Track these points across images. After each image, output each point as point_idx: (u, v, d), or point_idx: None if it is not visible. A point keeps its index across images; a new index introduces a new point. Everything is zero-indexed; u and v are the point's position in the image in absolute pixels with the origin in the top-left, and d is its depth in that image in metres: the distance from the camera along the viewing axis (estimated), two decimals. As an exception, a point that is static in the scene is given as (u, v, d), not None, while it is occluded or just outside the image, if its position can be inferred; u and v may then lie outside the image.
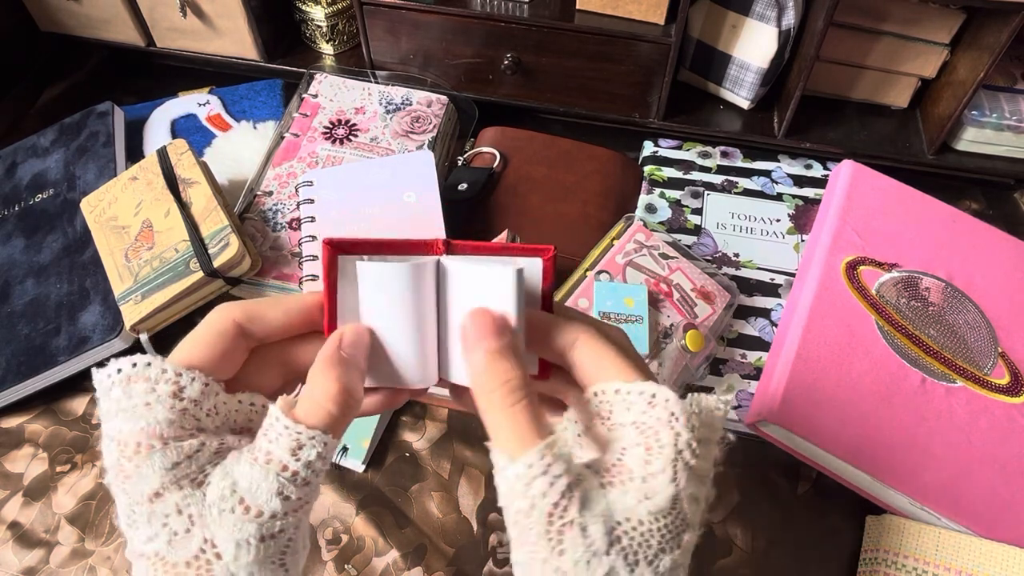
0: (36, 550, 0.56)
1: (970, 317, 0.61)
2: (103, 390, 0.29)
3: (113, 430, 0.28)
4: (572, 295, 0.61)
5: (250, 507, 0.28)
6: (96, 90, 0.87)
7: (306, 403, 0.29)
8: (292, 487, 0.28)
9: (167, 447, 0.28)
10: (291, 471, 0.28)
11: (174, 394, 0.29)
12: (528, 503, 0.28)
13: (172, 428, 0.28)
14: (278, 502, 0.28)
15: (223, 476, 0.28)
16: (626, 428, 0.30)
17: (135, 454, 0.28)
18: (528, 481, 0.28)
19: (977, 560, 0.51)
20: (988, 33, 0.66)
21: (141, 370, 0.29)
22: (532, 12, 0.73)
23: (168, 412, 0.28)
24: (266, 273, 0.65)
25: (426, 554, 0.55)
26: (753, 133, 0.78)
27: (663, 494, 0.28)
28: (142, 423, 0.28)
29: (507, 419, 0.29)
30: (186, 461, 0.28)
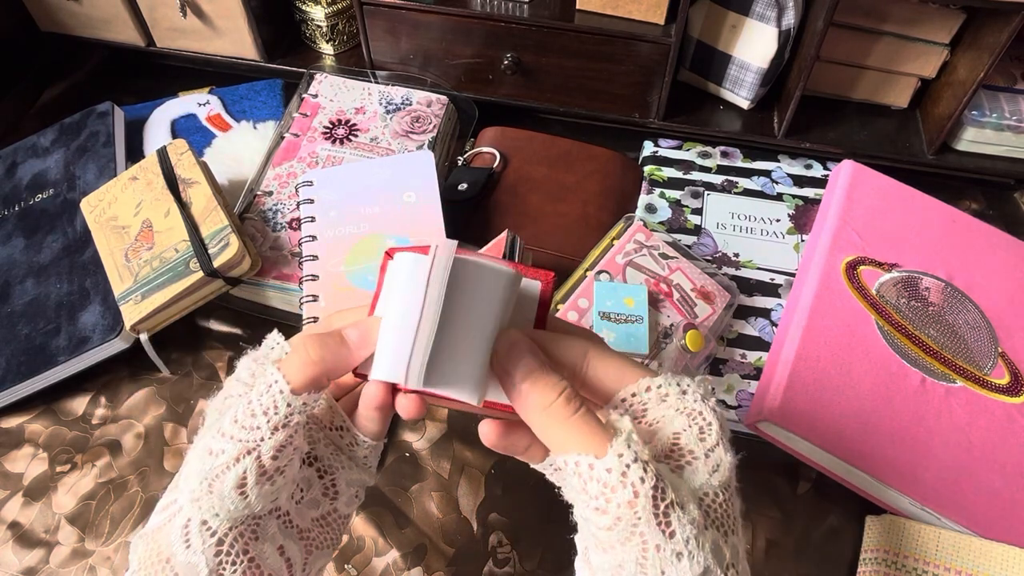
0: (36, 550, 0.56)
1: (970, 317, 0.61)
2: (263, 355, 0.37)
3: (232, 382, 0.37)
4: (572, 295, 0.61)
5: (221, 429, 0.33)
6: (96, 90, 0.87)
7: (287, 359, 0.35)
8: (242, 414, 0.33)
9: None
10: (247, 400, 0.33)
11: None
12: (631, 492, 0.29)
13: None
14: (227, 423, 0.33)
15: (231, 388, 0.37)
16: (670, 417, 0.32)
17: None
18: (623, 471, 0.29)
19: (977, 560, 0.51)
20: (988, 33, 0.66)
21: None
22: (532, 12, 0.73)
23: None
24: (266, 273, 0.65)
25: (426, 554, 0.55)
26: (753, 133, 0.78)
27: (725, 464, 0.32)
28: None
29: (576, 425, 0.31)
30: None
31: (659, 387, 0.33)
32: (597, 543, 0.31)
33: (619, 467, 0.29)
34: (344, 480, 0.38)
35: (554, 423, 0.31)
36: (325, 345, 0.34)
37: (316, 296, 0.61)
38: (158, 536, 0.34)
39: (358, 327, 0.35)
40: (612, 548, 0.30)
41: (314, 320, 0.60)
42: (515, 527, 0.56)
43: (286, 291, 0.64)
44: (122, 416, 0.63)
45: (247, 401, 0.33)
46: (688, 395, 0.33)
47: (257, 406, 0.33)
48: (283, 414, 0.33)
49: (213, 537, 0.32)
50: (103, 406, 0.63)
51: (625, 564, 0.29)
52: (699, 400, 0.33)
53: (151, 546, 0.34)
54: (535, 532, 0.56)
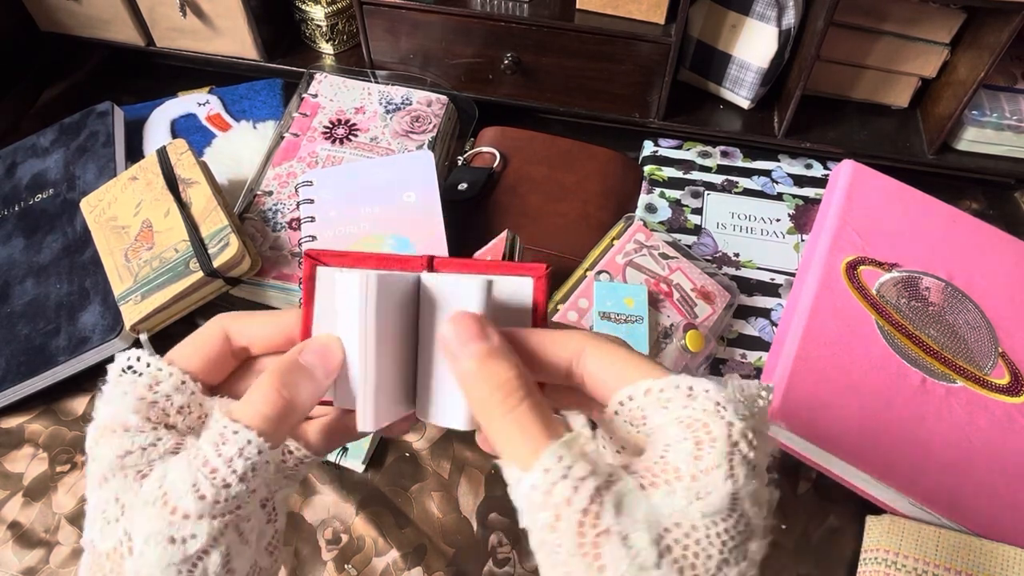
0: (36, 550, 0.56)
1: (970, 317, 0.61)
2: (111, 376, 0.30)
3: (95, 412, 0.29)
4: (572, 295, 0.61)
5: (168, 501, 0.26)
6: (96, 90, 0.87)
7: (242, 404, 0.29)
8: (208, 484, 0.26)
9: (125, 434, 0.28)
10: (210, 466, 0.27)
11: (149, 386, 0.29)
12: (552, 515, 0.24)
13: (138, 418, 0.29)
14: (191, 499, 0.26)
15: (160, 470, 0.28)
16: (666, 427, 0.26)
17: (100, 437, 0.28)
18: (547, 489, 0.24)
19: (977, 560, 0.51)
20: (988, 33, 0.66)
21: (134, 363, 0.30)
22: (532, 12, 0.73)
23: (136, 402, 0.29)
24: (266, 273, 0.65)
25: (426, 554, 0.55)
26: (753, 133, 0.78)
27: (719, 492, 0.24)
28: (112, 409, 0.29)
29: (511, 424, 0.26)
30: (138, 452, 0.28)
31: (660, 390, 0.26)
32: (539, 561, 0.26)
33: (544, 483, 0.24)
34: (281, 499, 0.33)
35: (492, 418, 0.26)
36: (296, 385, 0.29)
37: (316, 296, 0.61)
38: None
39: (316, 352, 0.30)
40: (544, 571, 0.25)
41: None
42: (515, 527, 0.56)
43: (286, 291, 0.64)
44: (122, 416, 0.63)
45: (202, 462, 0.27)
46: (697, 401, 0.26)
47: (227, 471, 0.27)
48: (260, 473, 0.27)
49: None
50: (103, 406, 0.63)
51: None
52: (710, 409, 0.25)
53: None
54: (535, 532, 0.56)
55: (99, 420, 0.29)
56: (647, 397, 0.26)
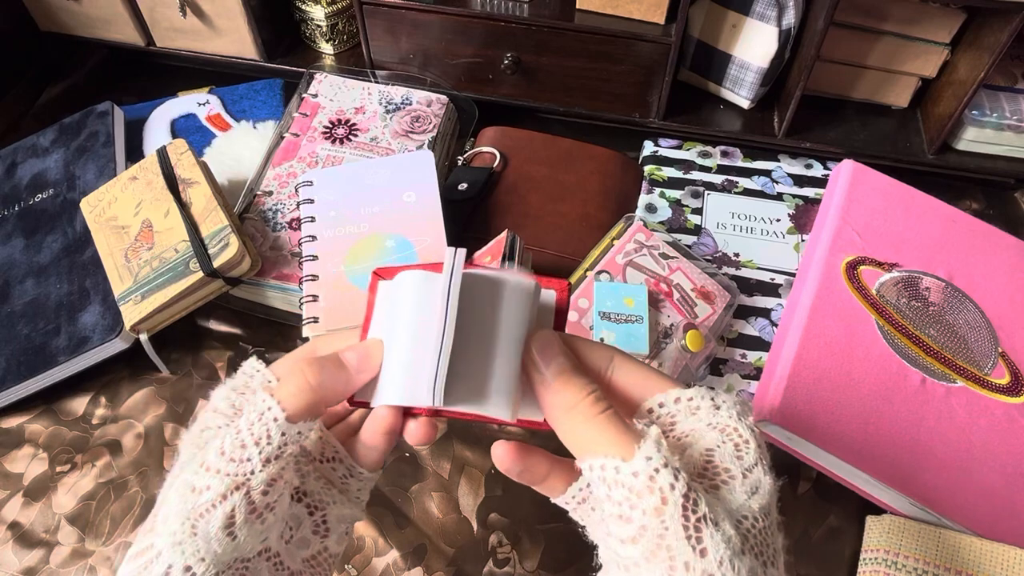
0: (36, 550, 0.56)
1: (970, 317, 0.61)
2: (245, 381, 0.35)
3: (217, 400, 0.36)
4: (572, 295, 0.61)
5: (199, 457, 0.32)
6: (96, 90, 0.87)
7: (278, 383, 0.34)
8: (229, 443, 0.31)
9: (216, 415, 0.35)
10: (236, 429, 0.31)
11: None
12: (658, 497, 0.26)
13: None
14: (214, 455, 0.31)
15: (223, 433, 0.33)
16: (702, 432, 0.30)
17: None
18: (651, 475, 0.26)
19: (977, 560, 0.51)
20: (988, 33, 0.66)
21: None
22: (532, 12, 0.73)
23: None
24: (266, 273, 0.65)
25: (426, 554, 0.55)
26: (753, 133, 0.78)
27: (766, 486, 0.29)
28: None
29: (601, 426, 0.29)
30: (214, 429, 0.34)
31: (690, 399, 0.30)
32: (619, 563, 0.28)
33: (647, 470, 0.26)
34: (335, 516, 0.36)
35: (580, 423, 0.29)
36: (323, 369, 0.32)
37: (316, 296, 0.61)
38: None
39: (356, 351, 0.33)
40: (636, 566, 0.27)
41: (314, 320, 0.60)
42: (515, 527, 0.56)
43: (286, 291, 0.64)
44: (122, 416, 0.63)
45: (235, 430, 0.31)
46: (722, 410, 0.30)
47: (247, 435, 0.30)
48: (276, 444, 0.31)
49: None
50: (103, 406, 0.63)
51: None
52: (735, 416, 0.30)
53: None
54: (535, 532, 0.56)
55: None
56: (677, 405, 0.31)
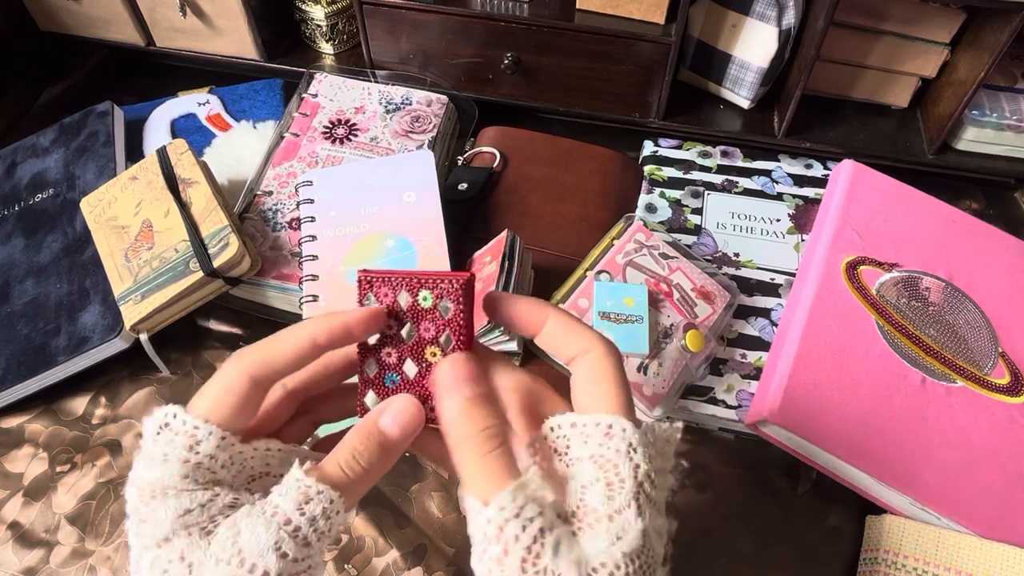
0: (36, 550, 0.56)
1: (970, 317, 0.61)
2: (146, 440, 0.30)
3: (136, 475, 0.30)
4: (572, 295, 0.61)
5: (245, 559, 0.27)
6: (96, 90, 0.87)
7: (327, 463, 0.30)
8: (292, 543, 0.27)
9: (180, 495, 0.29)
10: (294, 525, 0.28)
11: (189, 447, 0.29)
12: (501, 548, 0.27)
13: (186, 481, 0.29)
14: (274, 558, 0.27)
15: (230, 527, 0.28)
16: (583, 463, 0.29)
17: (151, 499, 0.29)
18: (501, 525, 0.27)
19: (977, 560, 0.51)
20: (988, 33, 0.66)
21: (171, 420, 0.30)
22: (532, 12, 0.73)
23: (181, 466, 0.29)
24: (266, 273, 0.65)
25: (426, 554, 0.55)
26: (753, 133, 0.78)
27: (633, 532, 0.27)
28: (157, 473, 0.29)
29: (482, 466, 0.29)
30: (198, 509, 0.29)
31: (584, 425, 0.29)
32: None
33: (498, 519, 0.27)
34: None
35: (467, 456, 0.29)
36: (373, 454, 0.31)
37: (316, 296, 0.61)
38: None
39: (396, 416, 0.31)
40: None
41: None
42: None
43: (286, 291, 0.64)
44: (122, 416, 0.63)
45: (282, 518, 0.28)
46: (613, 440, 0.28)
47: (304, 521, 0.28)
48: (332, 522, 0.29)
49: None
50: (103, 406, 0.63)
51: None
52: (621, 451, 0.28)
53: None
54: (535, 532, 0.56)
55: (143, 485, 0.29)
56: (572, 429, 0.30)
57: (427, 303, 0.33)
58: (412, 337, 0.34)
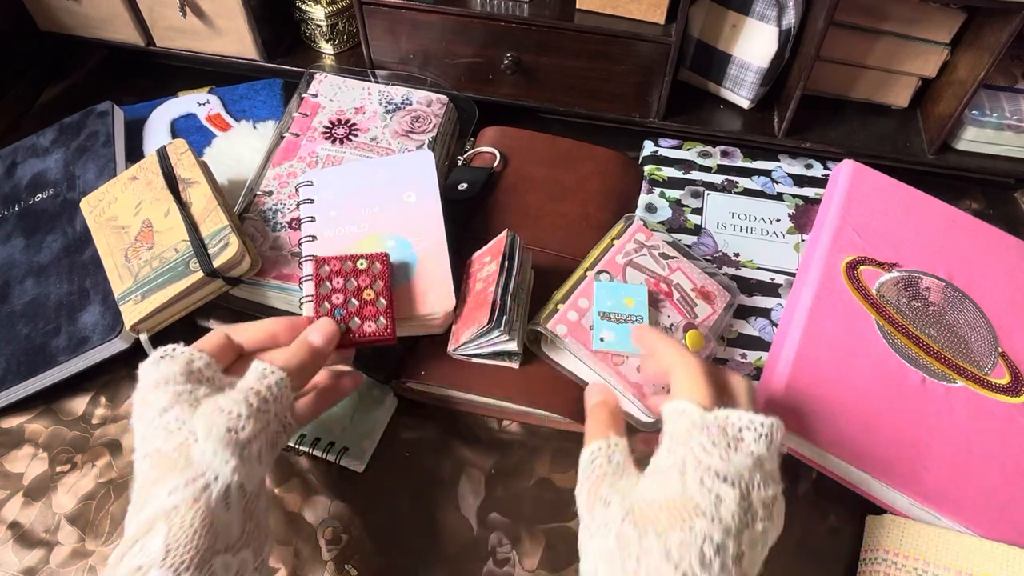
0: (36, 550, 0.56)
1: (970, 317, 0.61)
2: (150, 362, 0.46)
3: (144, 378, 0.45)
4: (572, 295, 0.61)
5: (224, 409, 0.42)
6: (96, 90, 0.87)
7: (274, 357, 0.47)
8: (254, 397, 0.43)
9: (176, 385, 0.44)
10: (255, 389, 0.44)
11: (187, 362, 0.45)
12: (584, 476, 0.43)
13: (181, 378, 0.44)
14: (244, 407, 0.43)
15: (212, 400, 0.43)
16: (665, 435, 0.42)
17: (152, 390, 0.44)
18: (590, 460, 0.44)
19: (977, 560, 0.51)
20: (989, 33, 0.66)
21: (169, 352, 0.46)
22: (532, 12, 0.73)
23: (182, 366, 0.45)
24: (266, 273, 0.64)
25: (426, 554, 0.55)
26: (753, 133, 0.78)
27: (672, 484, 0.38)
28: (160, 372, 0.45)
29: (595, 416, 0.48)
30: (187, 393, 0.44)
31: (672, 408, 0.44)
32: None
33: (588, 456, 0.45)
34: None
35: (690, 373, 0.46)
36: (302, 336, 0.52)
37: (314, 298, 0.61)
38: None
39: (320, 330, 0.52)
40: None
41: (314, 320, 0.60)
42: (515, 527, 0.56)
43: (286, 291, 0.64)
44: (122, 416, 0.63)
45: (253, 391, 0.45)
46: (683, 418, 0.43)
47: (268, 395, 0.45)
48: (284, 404, 0.46)
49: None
50: (103, 406, 0.63)
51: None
52: (687, 426, 0.42)
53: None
54: (535, 532, 0.56)
55: (148, 380, 0.45)
56: (665, 410, 0.45)
57: (363, 265, 0.58)
58: (353, 286, 0.57)
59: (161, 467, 0.41)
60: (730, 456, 0.38)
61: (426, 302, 0.60)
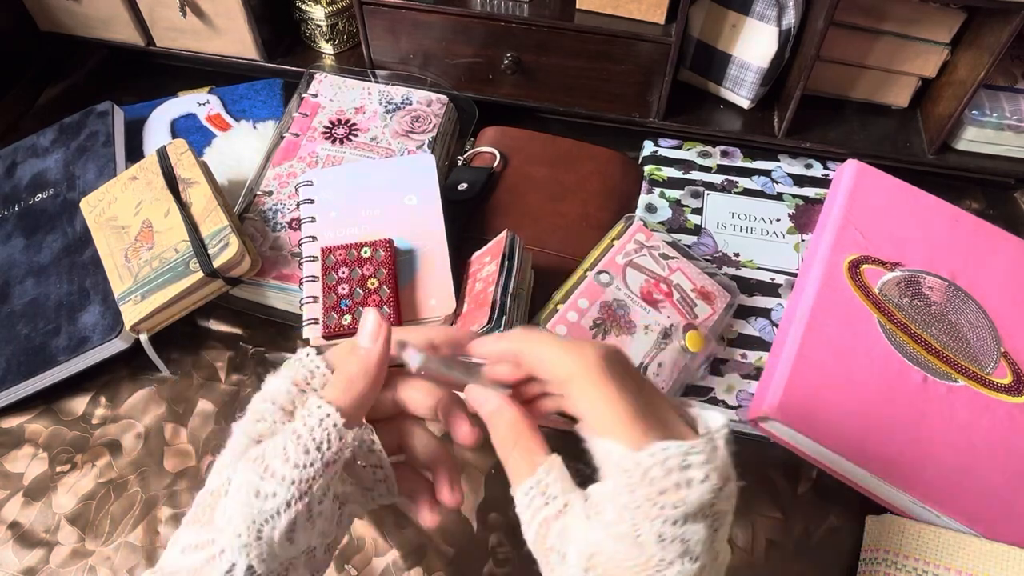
0: (36, 550, 0.56)
1: (973, 316, 0.61)
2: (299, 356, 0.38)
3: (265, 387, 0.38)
4: (572, 295, 0.61)
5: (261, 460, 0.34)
6: (96, 90, 0.87)
7: (328, 388, 0.37)
8: (293, 448, 0.34)
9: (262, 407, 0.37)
10: (296, 434, 0.34)
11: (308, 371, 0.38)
12: (527, 518, 0.34)
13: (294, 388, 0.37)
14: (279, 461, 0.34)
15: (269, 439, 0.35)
16: (604, 468, 0.33)
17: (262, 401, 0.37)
18: (531, 497, 0.34)
19: (977, 560, 0.51)
20: (988, 33, 0.66)
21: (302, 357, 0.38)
22: (532, 12, 0.73)
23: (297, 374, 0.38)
24: (266, 273, 0.64)
25: (426, 554, 0.55)
26: (753, 133, 0.78)
27: (628, 547, 0.31)
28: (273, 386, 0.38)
29: (517, 452, 0.36)
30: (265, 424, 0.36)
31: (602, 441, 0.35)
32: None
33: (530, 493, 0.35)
34: (349, 512, 0.38)
35: (508, 447, 0.36)
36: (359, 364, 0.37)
37: (316, 297, 0.61)
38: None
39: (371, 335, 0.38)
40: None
41: (315, 322, 0.60)
42: (515, 527, 0.56)
43: (286, 291, 0.64)
44: (122, 416, 0.63)
45: (296, 434, 0.34)
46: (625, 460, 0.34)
47: (310, 441, 0.33)
48: (335, 450, 0.34)
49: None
50: (103, 406, 0.63)
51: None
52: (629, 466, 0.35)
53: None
54: (535, 532, 0.56)
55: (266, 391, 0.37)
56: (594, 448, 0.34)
57: (367, 254, 0.60)
58: (357, 275, 0.59)
59: (197, 506, 0.36)
60: (684, 496, 0.31)
61: (427, 306, 0.60)
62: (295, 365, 0.37)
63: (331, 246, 0.61)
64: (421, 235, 0.64)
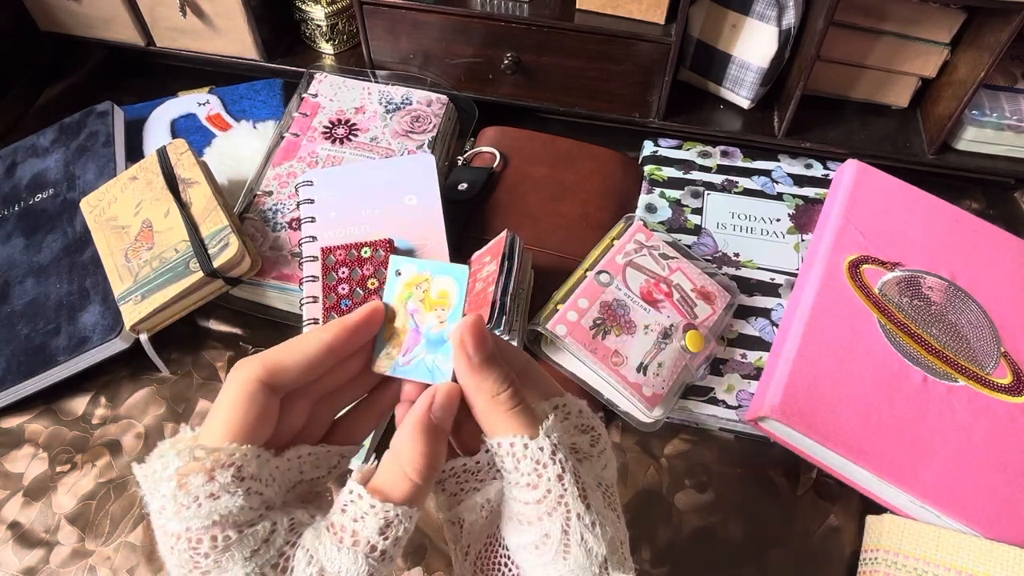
0: (36, 550, 0.56)
1: (973, 317, 0.61)
2: (150, 487, 0.27)
3: (178, 529, 0.27)
4: (572, 295, 0.61)
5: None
6: (96, 90, 0.87)
7: (391, 475, 0.29)
8: (380, 566, 0.28)
9: (243, 536, 0.27)
10: (379, 551, 0.28)
11: (235, 478, 0.27)
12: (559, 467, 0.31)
13: (244, 513, 0.27)
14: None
15: (307, 561, 0.28)
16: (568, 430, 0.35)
17: (212, 549, 0.27)
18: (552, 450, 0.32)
19: (977, 560, 0.51)
20: (989, 33, 0.66)
21: (190, 460, 0.27)
22: (532, 12, 0.73)
23: (237, 499, 0.27)
24: (266, 273, 0.64)
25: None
26: (753, 133, 0.78)
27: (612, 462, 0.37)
28: (214, 516, 0.27)
29: (515, 416, 0.32)
30: (264, 546, 0.28)
31: (565, 405, 0.35)
32: (522, 520, 0.32)
33: (548, 447, 0.31)
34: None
35: (497, 412, 0.32)
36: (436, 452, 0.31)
37: (316, 297, 0.61)
38: None
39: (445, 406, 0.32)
40: (539, 521, 0.31)
41: (315, 322, 0.60)
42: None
43: (286, 291, 0.64)
44: (122, 416, 0.63)
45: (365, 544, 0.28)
46: (584, 413, 0.36)
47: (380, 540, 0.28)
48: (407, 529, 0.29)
49: None
50: (103, 406, 0.63)
51: (551, 533, 0.31)
52: (591, 416, 0.36)
53: None
54: (535, 532, 0.56)
55: (195, 533, 0.27)
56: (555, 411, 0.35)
57: (367, 254, 0.60)
58: (358, 275, 0.58)
59: None
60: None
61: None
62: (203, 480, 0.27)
63: (331, 246, 0.60)
64: (421, 235, 0.64)
